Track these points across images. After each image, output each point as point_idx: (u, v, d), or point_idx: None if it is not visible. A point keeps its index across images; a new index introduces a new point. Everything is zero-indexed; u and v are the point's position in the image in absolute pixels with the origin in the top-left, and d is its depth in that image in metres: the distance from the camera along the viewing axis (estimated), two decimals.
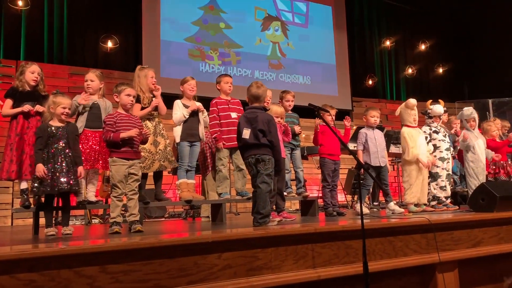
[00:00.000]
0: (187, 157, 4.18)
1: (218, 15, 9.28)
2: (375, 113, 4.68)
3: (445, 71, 12.35)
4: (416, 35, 12.16)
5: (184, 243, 2.41)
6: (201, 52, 8.91)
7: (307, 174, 8.02)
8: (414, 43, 12.22)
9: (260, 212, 3.22)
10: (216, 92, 4.72)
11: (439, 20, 12.39)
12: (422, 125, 5.04)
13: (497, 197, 3.87)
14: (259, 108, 3.50)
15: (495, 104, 10.03)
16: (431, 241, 3.22)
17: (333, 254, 2.84)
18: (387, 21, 11.88)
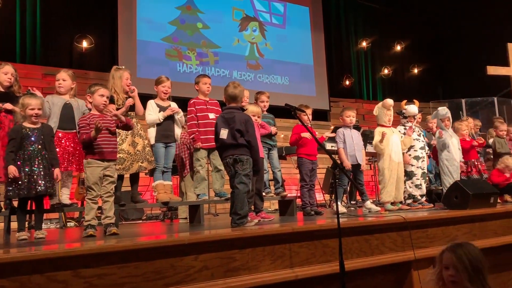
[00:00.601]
0: (163, 158, 4.14)
1: (196, 15, 9.23)
2: (351, 113, 4.72)
3: (420, 71, 12.59)
4: (392, 36, 12.36)
5: (160, 246, 2.38)
6: (179, 52, 8.84)
7: (285, 174, 8.04)
8: (389, 44, 12.42)
9: (238, 213, 3.20)
10: (194, 92, 4.69)
11: (414, 22, 12.62)
12: (397, 124, 5.11)
13: (470, 194, 3.96)
14: (236, 108, 3.49)
15: (468, 104, 10.27)
16: (407, 238, 3.26)
17: (310, 253, 2.85)
18: (364, 22, 12.03)
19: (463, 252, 2.09)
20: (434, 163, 5.98)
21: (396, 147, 4.67)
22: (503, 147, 5.92)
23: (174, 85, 4.58)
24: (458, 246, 2.15)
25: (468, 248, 2.12)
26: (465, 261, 2.07)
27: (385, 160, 4.66)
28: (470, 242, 2.20)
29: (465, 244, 2.16)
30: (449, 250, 2.15)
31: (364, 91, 11.80)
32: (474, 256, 2.09)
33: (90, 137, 3.12)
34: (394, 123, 5.00)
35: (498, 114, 9.63)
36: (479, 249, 2.15)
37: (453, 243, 2.20)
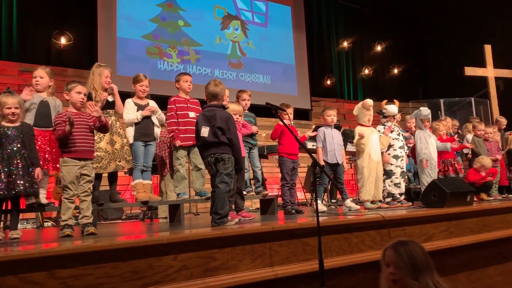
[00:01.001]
0: (142, 157, 4.09)
1: (177, 13, 9.15)
2: (332, 112, 4.75)
3: (400, 71, 12.76)
4: (372, 37, 12.49)
5: (138, 245, 2.35)
6: (159, 49, 8.76)
7: (267, 173, 8.06)
8: (370, 44, 12.55)
9: (218, 213, 3.19)
10: (175, 90, 4.64)
11: (394, 23, 12.79)
12: (376, 124, 5.17)
13: (448, 193, 4.03)
14: (217, 106, 3.47)
15: (446, 103, 10.46)
16: (385, 237, 3.30)
17: (290, 252, 2.85)
18: (345, 22, 12.13)
19: (404, 249, 2.06)
20: (413, 162, 6.07)
21: (375, 146, 4.72)
22: (481, 146, 6.05)
23: (155, 83, 4.54)
24: (400, 243, 2.12)
25: (410, 246, 2.08)
26: (405, 258, 2.04)
27: (364, 159, 4.70)
28: (415, 241, 2.15)
29: (408, 242, 2.12)
30: (390, 247, 2.12)
31: (345, 91, 11.90)
32: (415, 254, 2.05)
33: (65, 131, 3.06)
34: (375, 122, 5.05)
35: (475, 114, 9.82)
36: (423, 248, 2.11)
37: (396, 241, 2.16)
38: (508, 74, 9.18)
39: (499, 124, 7.18)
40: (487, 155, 5.96)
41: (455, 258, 3.93)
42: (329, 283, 3.05)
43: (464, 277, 3.99)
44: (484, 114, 10.10)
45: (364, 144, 4.67)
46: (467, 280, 4.00)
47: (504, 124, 7.21)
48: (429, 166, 5.09)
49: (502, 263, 4.36)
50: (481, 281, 4.12)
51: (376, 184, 4.68)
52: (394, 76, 12.80)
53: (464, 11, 11.70)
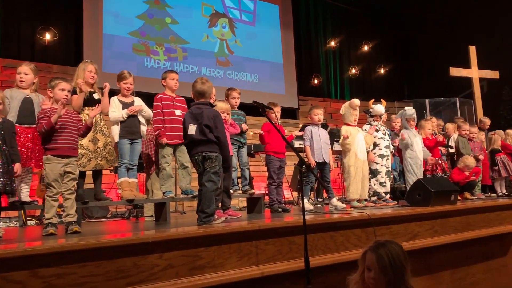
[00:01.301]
0: (127, 155, 4.05)
1: (164, 10, 9.09)
2: (319, 111, 4.77)
3: (386, 71, 12.86)
4: (359, 37, 12.57)
5: (123, 244, 2.32)
6: (146, 47, 8.68)
7: (254, 171, 8.05)
8: (357, 44, 12.63)
9: (205, 211, 3.17)
10: (161, 88, 4.60)
11: (381, 22, 12.88)
12: (363, 123, 5.20)
13: (432, 192, 4.07)
14: (204, 104, 3.44)
15: (432, 104, 10.59)
16: (371, 235, 3.32)
17: (276, 250, 2.85)
18: (332, 21, 12.18)
19: (384, 252, 2.00)
20: (398, 161, 6.12)
21: (361, 146, 4.75)
22: (465, 146, 6.13)
23: (141, 81, 4.51)
24: (380, 245, 2.06)
25: (390, 248, 2.02)
26: (385, 261, 1.98)
27: (350, 158, 4.73)
28: (393, 241, 2.10)
29: (387, 244, 2.06)
30: (371, 250, 2.06)
31: (332, 90, 11.95)
32: (395, 256, 2.00)
33: (50, 122, 3.00)
34: (362, 121, 5.08)
35: (459, 114, 9.96)
36: (402, 249, 2.07)
37: (375, 242, 2.09)
38: (492, 75, 9.33)
39: (483, 124, 7.29)
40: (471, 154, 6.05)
41: (440, 256, 3.98)
42: (314, 281, 3.06)
43: (448, 275, 4.04)
44: (469, 114, 10.25)
45: (349, 144, 4.70)
46: (450, 278, 4.06)
47: (488, 124, 7.33)
48: (414, 165, 5.14)
49: (485, 261, 4.44)
50: (465, 279, 4.18)
51: (362, 183, 4.71)
52: (380, 76, 12.90)
53: (449, 12, 11.85)
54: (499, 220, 4.48)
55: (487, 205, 4.47)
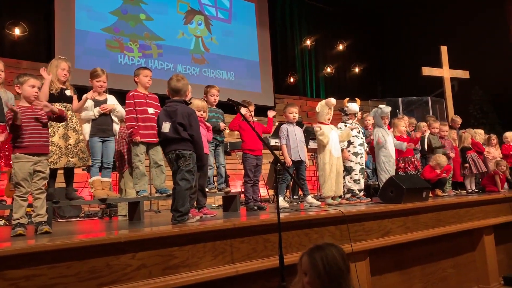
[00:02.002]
0: (99, 153, 3.97)
1: (138, 6, 8.96)
2: (294, 109, 4.79)
3: (360, 70, 13.05)
4: (335, 36, 12.70)
5: (95, 244, 2.27)
6: (120, 43, 8.55)
7: (230, 169, 8.04)
8: (332, 43, 12.75)
9: (179, 210, 3.14)
10: (135, 85, 4.53)
11: (356, 22, 13.05)
12: (338, 122, 5.25)
13: (404, 189, 4.14)
14: (179, 102, 3.40)
15: (404, 102, 10.80)
16: (345, 232, 3.36)
17: (251, 248, 2.85)
18: (308, 20, 12.27)
19: (320, 256, 1.89)
20: (371, 159, 6.21)
21: (335, 143, 4.79)
22: (437, 143, 6.27)
23: (115, 78, 4.42)
24: (316, 249, 1.94)
25: (326, 251, 1.91)
26: (319, 266, 1.87)
27: (325, 155, 4.77)
28: (334, 244, 1.98)
29: (325, 247, 1.94)
30: (306, 253, 1.94)
31: (307, 89, 12.04)
32: (331, 261, 1.88)
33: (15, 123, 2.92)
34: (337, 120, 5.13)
35: (431, 113, 10.19)
36: (342, 252, 1.95)
37: (313, 246, 1.97)
38: (462, 75, 9.58)
39: (455, 123, 7.48)
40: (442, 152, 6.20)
41: (411, 252, 4.06)
42: (289, 279, 3.08)
43: (419, 270, 4.13)
44: (440, 113, 10.49)
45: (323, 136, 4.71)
46: (422, 273, 4.15)
47: (459, 123, 7.52)
48: (388, 163, 5.22)
49: (455, 256, 4.55)
50: (435, 274, 4.28)
51: (336, 180, 4.75)
52: (355, 75, 13.07)
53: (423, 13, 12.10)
54: (469, 216, 4.60)
55: (457, 202, 4.57)
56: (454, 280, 4.45)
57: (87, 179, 5.11)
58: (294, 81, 11.72)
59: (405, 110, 10.55)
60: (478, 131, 7.21)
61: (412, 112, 10.48)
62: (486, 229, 4.74)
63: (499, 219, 4.93)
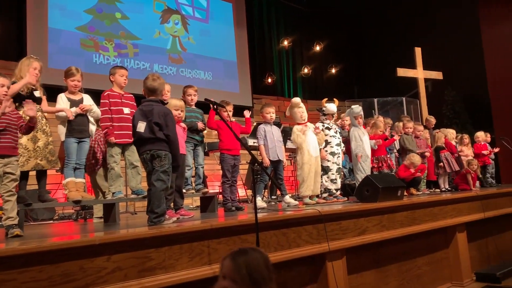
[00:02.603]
0: (74, 154, 3.88)
1: (114, 5, 8.82)
2: (271, 109, 4.79)
3: (337, 71, 13.18)
4: (312, 37, 12.80)
5: (68, 247, 2.22)
6: (95, 42, 8.39)
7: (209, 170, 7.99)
8: (309, 44, 12.85)
9: (155, 211, 3.09)
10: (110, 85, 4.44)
11: (332, 24, 13.18)
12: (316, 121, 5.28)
13: (380, 188, 4.19)
14: (155, 101, 3.35)
15: (380, 103, 10.98)
16: (322, 231, 3.38)
17: (228, 249, 2.83)
18: (285, 21, 12.33)
19: (243, 260, 1.79)
20: (348, 158, 6.28)
21: (313, 142, 4.82)
22: (410, 143, 6.38)
23: (90, 77, 4.33)
24: (240, 253, 1.84)
25: (251, 256, 1.81)
26: (243, 271, 1.76)
27: (303, 155, 4.79)
28: (258, 250, 1.89)
29: (249, 251, 1.84)
30: (229, 257, 1.84)
31: (285, 89, 12.10)
32: (255, 266, 1.79)
33: None
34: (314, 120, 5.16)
35: (406, 113, 10.38)
36: (266, 257, 1.86)
37: (236, 250, 1.88)
38: (435, 76, 9.80)
39: (429, 123, 7.63)
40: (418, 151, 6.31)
41: (387, 250, 4.12)
42: None
43: (395, 268, 4.19)
44: (414, 113, 10.71)
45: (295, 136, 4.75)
46: (398, 271, 4.21)
47: (433, 123, 7.68)
48: (363, 163, 5.28)
49: (430, 253, 4.64)
50: (411, 271, 4.36)
51: (315, 179, 4.78)
52: (332, 76, 13.20)
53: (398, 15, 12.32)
54: (442, 214, 4.70)
55: (431, 200, 4.66)
56: (428, 277, 4.54)
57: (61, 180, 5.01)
58: (272, 82, 11.75)
59: (380, 110, 10.73)
60: (450, 130, 7.38)
61: (387, 112, 10.66)
62: (459, 226, 4.85)
63: (471, 216, 5.05)
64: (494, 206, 5.51)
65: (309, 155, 4.78)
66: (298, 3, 12.53)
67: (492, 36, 10.96)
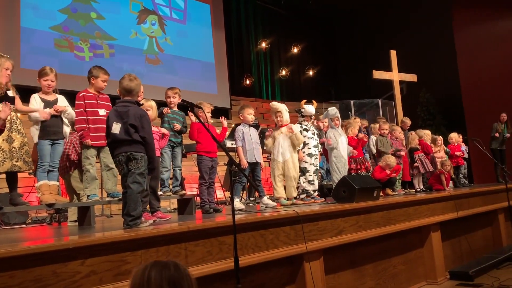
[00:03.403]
0: (48, 156, 3.80)
1: (89, 4, 8.67)
2: (250, 110, 4.81)
3: (314, 73, 13.29)
4: (289, 39, 12.87)
5: (40, 251, 2.16)
6: (70, 42, 8.23)
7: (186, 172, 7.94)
8: (287, 46, 12.92)
9: (131, 214, 3.05)
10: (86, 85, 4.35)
11: (310, 26, 13.29)
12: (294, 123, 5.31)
13: (356, 189, 4.24)
14: (131, 102, 3.30)
15: (356, 105, 11.11)
16: (299, 232, 3.39)
17: (206, 251, 2.82)
18: (263, 23, 12.36)
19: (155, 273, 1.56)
20: (325, 160, 6.34)
21: (282, 146, 4.85)
22: (384, 145, 6.48)
23: (64, 78, 4.24)
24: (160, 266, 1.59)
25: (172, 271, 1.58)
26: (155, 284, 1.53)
27: (271, 158, 4.83)
28: (178, 265, 1.63)
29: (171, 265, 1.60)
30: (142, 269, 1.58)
31: (263, 91, 12.13)
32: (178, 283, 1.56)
33: None
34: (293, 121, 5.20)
35: (381, 114, 10.54)
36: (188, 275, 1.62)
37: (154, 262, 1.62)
38: (410, 78, 9.98)
39: (404, 125, 7.77)
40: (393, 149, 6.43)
41: (364, 250, 4.17)
42: (244, 280, 3.08)
43: (371, 267, 4.24)
44: (390, 115, 10.89)
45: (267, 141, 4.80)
46: (374, 270, 4.27)
47: (409, 124, 7.82)
48: (339, 163, 5.34)
49: (405, 253, 4.72)
50: (387, 270, 4.42)
51: (291, 182, 4.81)
52: (309, 78, 13.30)
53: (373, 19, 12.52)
54: (417, 214, 4.79)
55: (406, 200, 4.74)
56: (404, 276, 4.61)
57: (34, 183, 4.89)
58: (250, 83, 11.76)
59: (357, 112, 10.86)
60: (426, 131, 7.54)
61: (364, 114, 10.80)
62: (433, 226, 4.95)
63: (445, 216, 5.16)
64: (467, 206, 5.64)
65: (273, 159, 4.82)
66: (276, 5, 12.59)
67: (465, 39, 11.25)
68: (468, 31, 11.23)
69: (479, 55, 10.92)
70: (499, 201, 6.30)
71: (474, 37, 11.12)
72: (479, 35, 11.04)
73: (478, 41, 11.02)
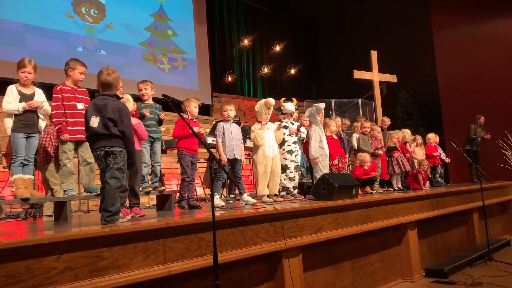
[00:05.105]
0: (23, 149, 3.71)
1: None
2: (229, 107, 4.79)
3: (296, 72, 13.35)
4: (272, 37, 12.89)
5: (12, 247, 2.10)
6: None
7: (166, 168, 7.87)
8: (269, 44, 12.94)
9: (109, 210, 2.99)
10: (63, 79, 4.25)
11: (292, 24, 13.33)
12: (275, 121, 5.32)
13: (336, 186, 4.27)
14: (110, 95, 3.23)
15: (337, 104, 11.21)
16: (279, 229, 3.39)
17: (185, 248, 2.79)
18: (245, 20, 12.34)
19: None
20: (305, 158, 6.36)
21: (271, 143, 4.85)
22: (365, 144, 6.55)
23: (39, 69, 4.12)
24: None
25: None
26: None
27: (258, 155, 4.82)
28: None
29: None
30: None
31: (245, 88, 12.12)
32: None
33: None
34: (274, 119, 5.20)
35: (361, 114, 10.66)
36: None
37: None
38: (390, 79, 10.12)
39: (383, 124, 7.87)
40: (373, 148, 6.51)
41: (342, 247, 4.20)
42: (223, 277, 3.07)
43: (349, 265, 4.29)
44: (370, 114, 11.01)
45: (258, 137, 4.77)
46: (351, 267, 4.31)
47: (388, 124, 7.93)
48: (322, 161, 5.37)
49: (382, 250, 4.78)
50: (364, 268, 4.47)
51: (271, 179, 4.81)
52: (291, 76, 13.35)
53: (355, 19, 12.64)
54: (395, 212, 4.85)
55: (384, 199, 4.79)
56: (381, 273, 4.67)
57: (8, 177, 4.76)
58: (232, 80, 11.73)
59: (337, 111, 10.96)
60: (406, 131, 7.66)
61: (344, 113, 10.91)
62: (410, 224, 5.02)
63: (422, 214, 5.25)
64: (443, 205, 5.75)
65: (264, 155, 4.81)
66: (259, 3, 12.58)
67: (443, 41, 11.46)
68: (447, 34, 11.44)
69: (457, 57, 11.14)
70: (474, 200, 6.44)
71: (452, 40, 11.34)
72: (457, 38, 11.25)
73: (456, 44, 11.23)
